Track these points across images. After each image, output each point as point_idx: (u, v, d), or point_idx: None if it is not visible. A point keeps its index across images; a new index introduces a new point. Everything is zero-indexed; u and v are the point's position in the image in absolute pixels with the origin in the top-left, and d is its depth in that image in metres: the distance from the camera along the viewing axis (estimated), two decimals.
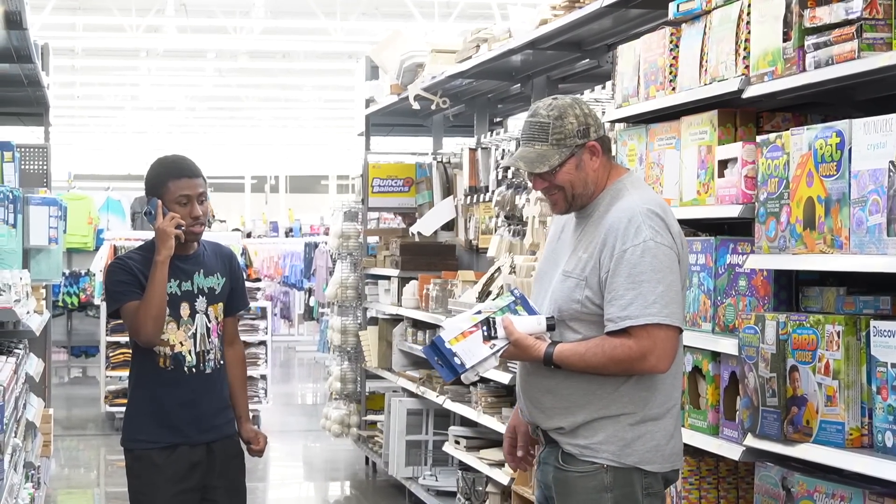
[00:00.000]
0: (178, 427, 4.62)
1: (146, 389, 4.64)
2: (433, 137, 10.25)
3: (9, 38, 6.82)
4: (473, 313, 3.75)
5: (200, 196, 4.62)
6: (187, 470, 4.63)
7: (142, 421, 4.64)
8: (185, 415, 4.62)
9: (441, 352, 3.67)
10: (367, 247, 10.34)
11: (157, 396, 4.61)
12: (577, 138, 3.70)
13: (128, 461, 4.68)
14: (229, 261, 4.83)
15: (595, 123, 3.74)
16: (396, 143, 11.68)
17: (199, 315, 4.66)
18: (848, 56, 3.58)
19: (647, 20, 5.76)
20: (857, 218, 3.51)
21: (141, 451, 4.63)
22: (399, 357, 9.12)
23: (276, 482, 10.31)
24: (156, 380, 4.61)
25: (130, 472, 4.67)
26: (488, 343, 3.68)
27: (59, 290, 16.53)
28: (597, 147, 3.72)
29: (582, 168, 3.71)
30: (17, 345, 6.67)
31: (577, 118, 3.71)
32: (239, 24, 19.95)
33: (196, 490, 4.65)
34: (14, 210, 6.69)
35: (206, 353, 4.66)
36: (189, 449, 4.63)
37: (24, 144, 8.96)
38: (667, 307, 3.54)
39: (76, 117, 31.82)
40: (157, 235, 4.54)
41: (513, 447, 4.02)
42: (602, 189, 3.75)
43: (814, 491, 3.69)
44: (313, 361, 19.36)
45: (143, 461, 4.62)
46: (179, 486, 4.61)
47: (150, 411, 4.63)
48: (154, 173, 4.65)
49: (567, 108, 3.72)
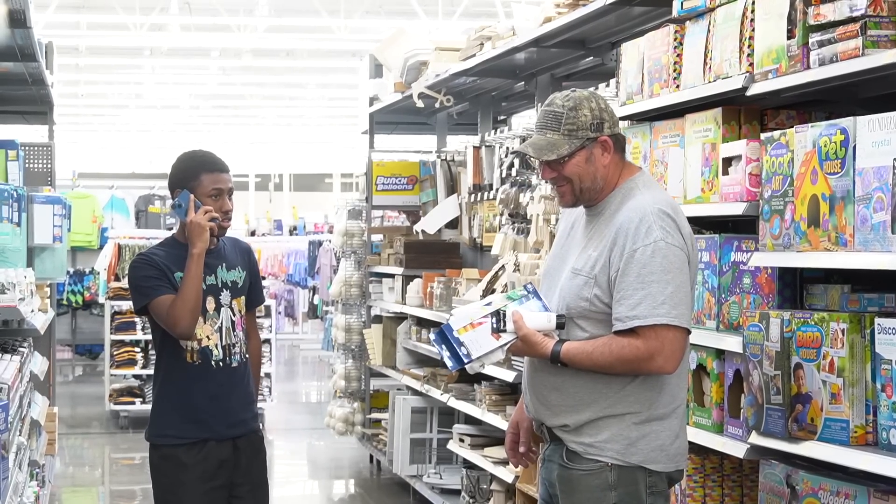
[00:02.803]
0: (206, 422, 4.61)
1: (174, 385, 4.62)
2: (437, 135, 10.25)
3: (13, 36, 6.82)
4: (484, 304, 3.75)
5: (230, 191, 4.66)
6: (216, 468, 4.62)
7: (170, 416, 4.63)
8: (213, 409, 4.61)
9: (448, 340, 3.67)
10: (372, 245, 10.34)
11: (184, 391, 4.60)
12: (589, 131, 3.69)
13: (154, 459, 4.65)
14: (248, 255, 4.84)
15: (610, 119, 3.73)
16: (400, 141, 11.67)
17: (224, 309, 4.67)
18: (852, 53, 3.58)
19: (650, 18, 5.75)
20: (862, 215, 3.50)
21: (168, 450, 4.60)
22: (403, 355, 9.12)
23: (280, 480, 10.31)
24: (183, 375, 4.60)
25: (157, 471, 4.65)
26: (496, 336, 3.68)
27: (63, 289, 16.59)
28: (609, 143, 3.71)
29: (592, 162, 3.71)
30: (22, 343, 6.68)
31: (591, 111, 3.70)
32: (243, 22, 19.95)
33: (224, 487, 4.65)
34: (18, 208, 6.69)
35: (232, 346, 4.67)
36: (216, 445, 4.62)
37: (29, 143, 8.96)
38: (675, 308, 3.54)
39: (80, 116, 31.83)
40: (190, 229, 4.53)
41: (515, 443, 4.02)
42: (614, 187, 3.74)
43: (818, 489, 3.69)
44: (317, 359, 19.37)
45: (171, 460, 4.60)
46: (208, 485, 4.61)
47: (178, 406, 4.61)
48: (185, 166, 4.64)
49: (583, 100, 3.71)
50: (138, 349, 12.51)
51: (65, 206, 8.01)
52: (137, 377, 12.65)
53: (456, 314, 3.76)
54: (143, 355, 12.48)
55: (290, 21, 20.19)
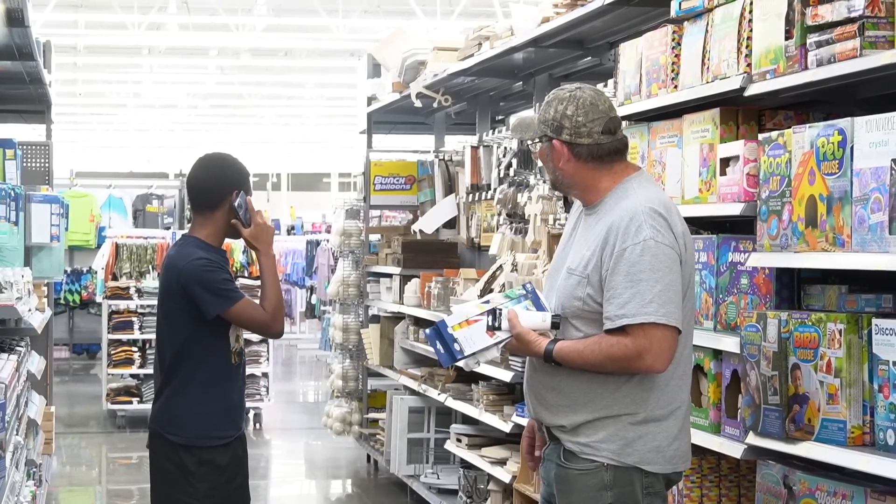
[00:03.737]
0: (237, 420, 4.71)
1: (215, 386, 4.62)
2: (435, 135, 10.25)
3: (11, 35, 6.82)
4: (481, 302, 3.76)
5: None
6: (239, 465, 4.70)
7: (212, 418, 4.62)
8: (241, 406, 4.74)
9: (443, 336, 3.69)
10: (369, 244, 10.34)
11: (227, 391, 4.65)
12: (547, 129, 3.75)
13: (190, 465, 4.57)
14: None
15: (573, 128, 3.71)
16: (398, 140, 11.67)
17: None
18: (850, 54, 3.58)
19: (649, 18, 5.76)
20: (859, 216, 3.50)
21: (207, 452, 4.58)
22: (401, 355, 9.12)
23: (277, 480, 10.31)
24: (226, 375, 4.65)
25: (193, 477, 4.57)
26: (491, 333, 3.70)
27: (60, 288, 16.57)
28: (560, 148, 3.73)
29: (551, 159, 3.78)
30: (19, 342, 6.68)
31: (556, 112, 3.73)
32: (241, 21, 19.94)
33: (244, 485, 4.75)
34: (16, 208, 6.69)
35: (245, 345, 4.83)
36: (237, 441, 4.71)
37: (26, 142, 8.97)
38: (664, 307, 3.54)
39: (78, 115, 31.80)
40: (263, 232, 4.63)
41: (531, 447, 4.00)
42: (607, 190, 3.75)
43: (815, 489, 3.69)
44: (315, 359, 19.36)
45: (208, 465, 4.59)
46: (235, 483, 4.68)
47: (222, 406, 4.64)
48: (236, 168, 4.69)
49: (560, 100, 3.75)
50: (136, 348, 12.49)
51: (62, 205, 8.01)
52: (135, 377, 12.63)
53: (453, 311, 3.78)
54: (140, 355, 12.46)
55: (289, 20, 20.18)
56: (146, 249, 14.21)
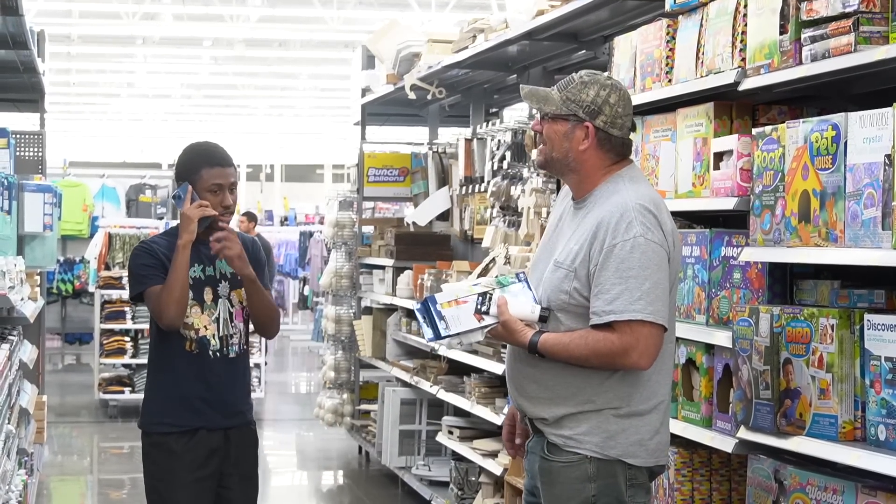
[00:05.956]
0: (201, 410, 4.60)
1: (170, 373, 4.61)
2: (429, 127, 10.25)
3: (5, 24, 6.81)
4: (473, 284, 3.76)
5: (232, 185, 4.63)
6: (206, 457, 4.61)
7: (164, 404, 4.61)
8: (209, 398, 4.61)
9: (430, 311, 3.68)
10: (362, 236, 10.34)
11: (181, 380, 4.60)
12: (581, 110, 3.69)
13: (145, 446, 4.65)
14: (251, 247, 4.81)
15: (610, 117, 3.70)
16: (392, 132, 11.68)
17: (222, 299, 4.67)
18: (844, 49, 3.58)
19: (643, 12, 5.75)
20: (853, 211, 3.51)
21: (159, 437, 4.60)
22: (393, 347, 9.12)
23: (269, 471, 10.31)
24: (181, 363, 4.59)
25: (148, 458, 4.65)
26: (478, 317, 3.69)
27: (53, 277, 16.55)
28: (591, 132, 3.70)
29: (569, 139, 3.71)
30: (11, 331, 6.68)
31: (598, 97, 3.69)
32: (235, 12, 19.91)
33: (213, 477, 4.63)
34: (9, 197, 6.69)
35: (230, 337, 4.67)
36: (207, 434, 4.61)
37: (20, 131, 8.97)
38: (652, 304, 3.54)
39: (72, 104, 31.75)
40: (181, 220, 4.54)
41: (511, 434, 4.01)
42: (599, 182, 3.74)
43: (806, 484, 3.70)
44: (307, 350, 19.37)
45: (161, 448, 4.59)
46: (197, 474, 4.59)
47: (174, 394, 4.60)
48: (187, 158, 4.64)
49: (603, 86, 3.71)
50: (128, 338, 12.50)
51: (55, 194, 8.00)
52: (127, 366, 12.64)
53: (444, 288, 3.77)
54: (132, 344, 12.46)
55: (283, 11, 20.16)
56: (139, 239, 14.20)
